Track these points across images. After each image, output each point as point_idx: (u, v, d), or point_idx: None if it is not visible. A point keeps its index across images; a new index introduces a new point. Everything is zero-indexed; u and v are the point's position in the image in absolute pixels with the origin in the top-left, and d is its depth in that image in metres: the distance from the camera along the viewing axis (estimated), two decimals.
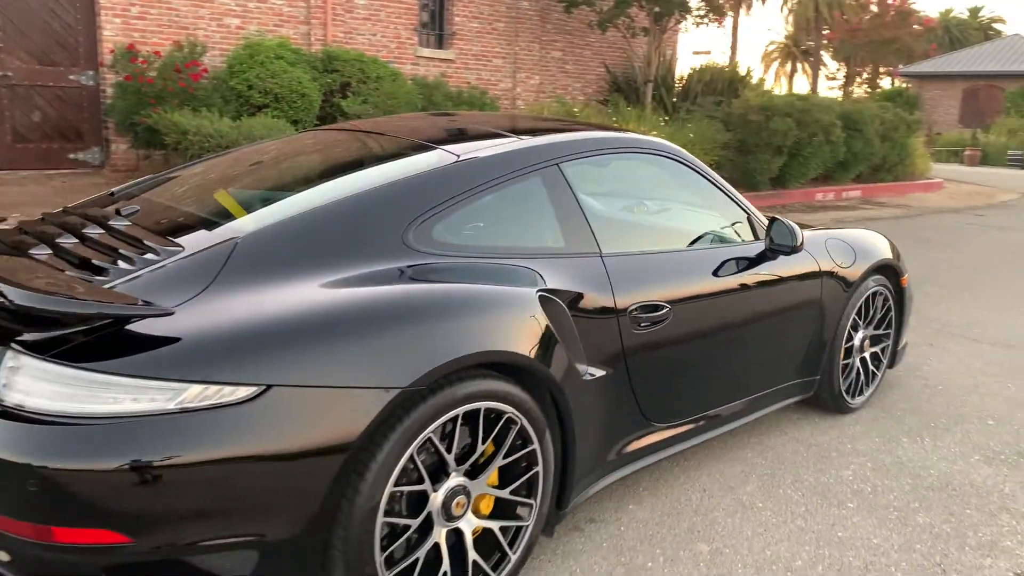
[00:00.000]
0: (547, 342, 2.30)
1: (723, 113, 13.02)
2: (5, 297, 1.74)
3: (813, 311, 3.48)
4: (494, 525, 2.27)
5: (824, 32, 32.47)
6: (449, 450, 2.12)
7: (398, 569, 2.05)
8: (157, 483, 1.71)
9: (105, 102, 10.20)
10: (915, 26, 18.81)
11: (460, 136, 2.90)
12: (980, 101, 38.41)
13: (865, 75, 20.07)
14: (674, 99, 15.04)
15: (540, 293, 2.35)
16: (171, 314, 1.84)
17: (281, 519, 1.84)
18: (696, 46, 39.78)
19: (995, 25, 53.94)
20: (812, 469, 3.29)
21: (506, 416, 2.21)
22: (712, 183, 3.26)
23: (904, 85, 31.66)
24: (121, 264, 2.04)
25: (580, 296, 2.50)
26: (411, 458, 2.01)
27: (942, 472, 3.33)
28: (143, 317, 1.82)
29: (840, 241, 3.72)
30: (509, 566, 2.30)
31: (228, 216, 2.34)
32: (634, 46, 15.76)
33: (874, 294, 3.85)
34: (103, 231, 2.23)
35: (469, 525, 2.21)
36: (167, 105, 9.17)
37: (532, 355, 2.25)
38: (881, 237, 4.08)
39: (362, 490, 1.92)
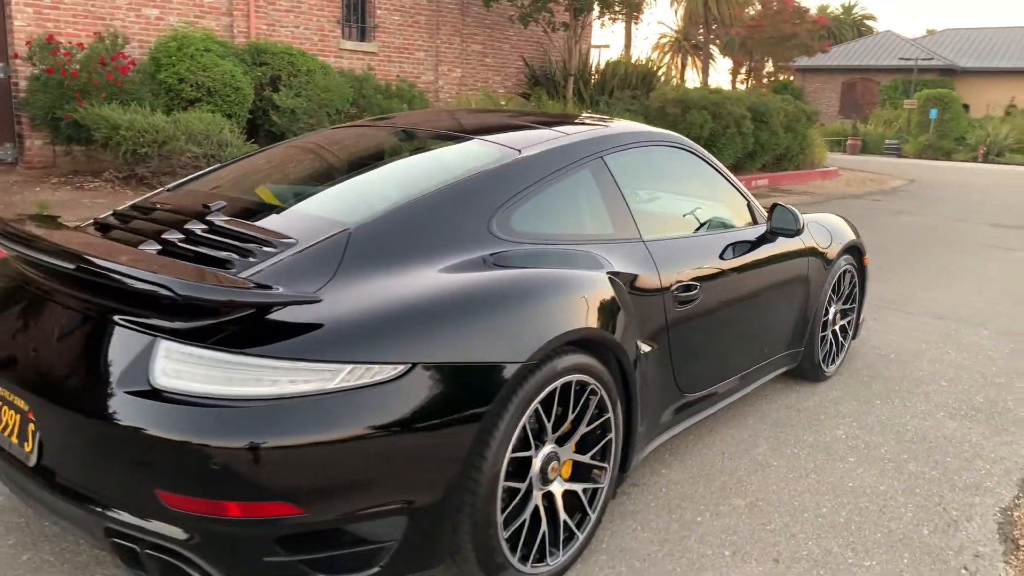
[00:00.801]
0: (618, 320, 2.53)
1: (641, 106, 13.54)
2: (168, 288, 1.83)
3: (802, 288, 3.84)
4: (577, 488, 2.48)
5: (724, 28, 33.84)
6: (548, 419, 2.32)
7: (512, 530, 2.24)
8: (323, 457, 1.84)
9: (18, 96, 9.72)
10: (810, 23, 20.01)
11: (508, 132, 3.06)
12: (857, 93, 40.95)
13: (766, 69, 21.17)
14: (591, 93, 15.46)
15: (608, 275, 2.57)
16: (319, 301, 1.96)
17: (426, 486, 2.00)
18: (595, 40, 40.57)
19: (867, 22, 57.52)
20: (808, 431, 3.65)
21: (589, 387, 2.42)
22: (718, 172, 3.56)
23: (790, 79, 33.38)
24: (242, 257, 2.14)
25: (635, 277, 2.74)
26: (524, 427, 2.20)
27: (917, 427, 3.75)
28: (293, 304, 1.94)
29: (818, 224, 4.10)
30: (589, 525, 2.52)
31: (318, 208, 2.46)
32: (551, 40, 16.11)
33: (844, 272, 4.26)
34: (204, 226, 2.31)
35: (559, 488, 2.42)
36: (92, 99, 8.85)
37: (609, 331, 2.47)
38: (844, 220, 4.50)
39: (488, 457, 2.10)
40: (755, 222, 3.65)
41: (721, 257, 3.25)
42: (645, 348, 2.76)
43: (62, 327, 2.08)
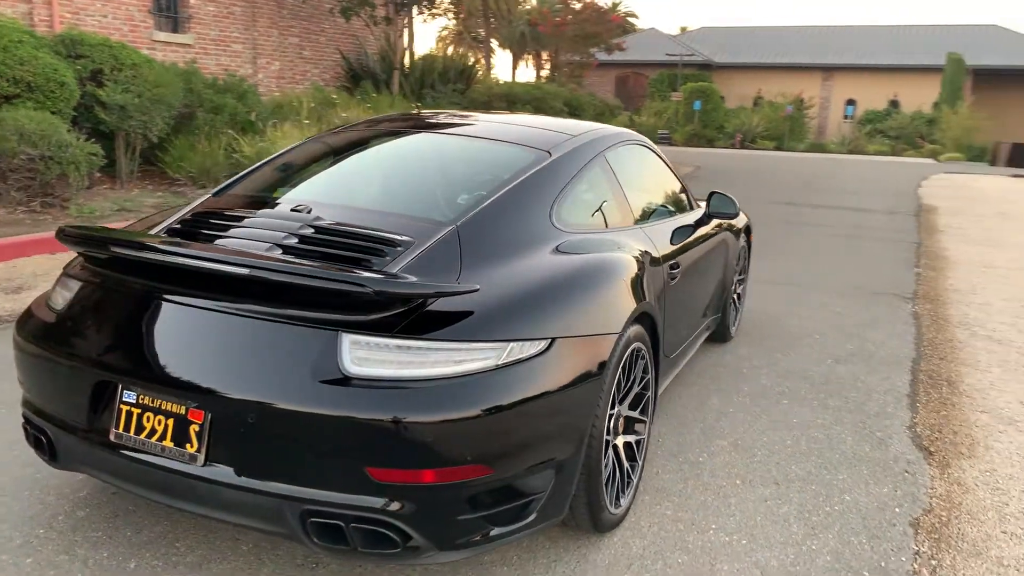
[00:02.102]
0: (653, 296, 2.98)
1: (466, 100, 14.02)
2: (361, 285, 2.02)
3: (724, 261, 4.50)
4: (631, 439, 2.91)
5: (503, 22, 35.03)
6: (621, 382, 2.72)
7: (604, 477, 2.62)
8: (501, 423, 2.13)
9: None
10: (611, 24, 21.58)
11: (520, 133, 3.36)
12: (630, 86, 44.19)
13: (546, 65, 22.45)
14: (412, 86, 15.71)
15: (640, 257, 3.01)
16: (477, 290, 2.23)
17: (566, 442, 2.34)
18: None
19: (629, 19, 62.12)
20: (742, 382, 4.32)
21: (641, 352, 2.85)
22: (666, 165, 4.10)
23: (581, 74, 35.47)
24: (376, 256, 2.34)
25: (649, 258, 3.20)
26: (614, 389, 2.59)
27: (818, 372, 4.55)
28: (459, 294, 2.19)
29: None
30: (639, 469, 2.96)
31: (403, 207, 2.69)
32: (367, 33, 16.15)
33: (743, 247, 5.00)
34: (312, 230, 2.45)
35: (620, 441, 2.83)
36: None
37: (653, 304, 2.92)
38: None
39: (599, 415, 2.47)
40: (691, 207, 4.24)
41: (687, 238, 3.79)
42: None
43: (222, 330, 2.17)
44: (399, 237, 2.44)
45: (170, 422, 2.16)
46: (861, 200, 13.86)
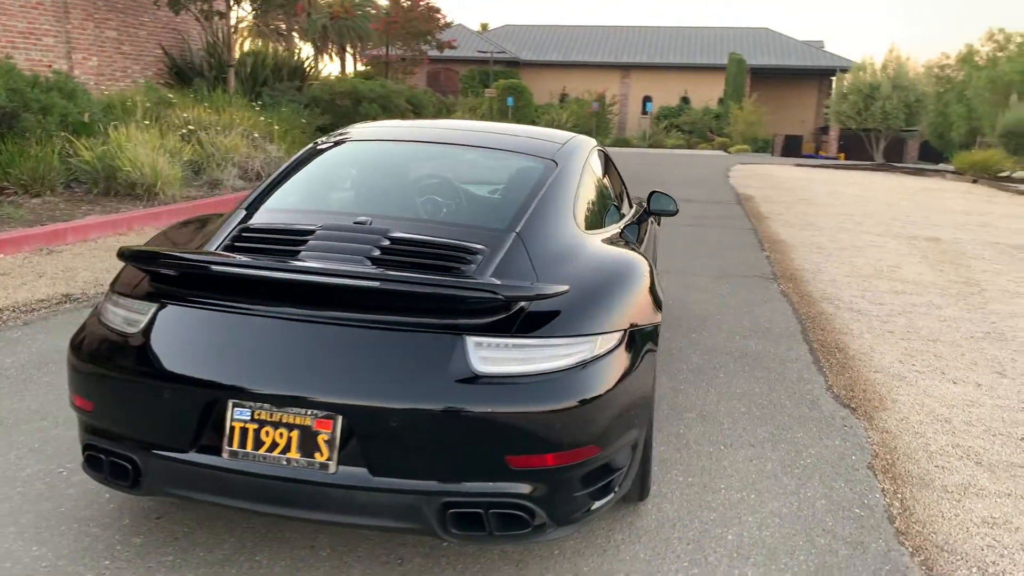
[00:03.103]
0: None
1: (307, 97, 13.77)
2: (492, 292, 2.21)
3: (655, 249, 4.96)
4: None
5: (304, 14, 34.16)
6: None
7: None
8: (604, 406, 2.38)
9: None
10: (441, 22, 21.81)
11: (516, 142, 3.56)
12: (441, 82, 44.62)
13: (398, 61, 22.32)
14: (244, 83, 15.13)
15: (641, 252, 3.35)
16: (568, 291, 2.46)
17: (642, 420, 2.63)
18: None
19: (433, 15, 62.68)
20: (677, 361, 4.80)
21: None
22: (614, 167, 4.47)
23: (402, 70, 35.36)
24: (462, 264, 2.51)
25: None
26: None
27: (735, 348, 5.12)
28: (557, 295, 2.41)
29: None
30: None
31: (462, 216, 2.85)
32: (189, 28, 15.37)
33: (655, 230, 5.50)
34: (388, 242, 2.57)
35: None
36: None
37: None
38: None
39: (654, 396, 2.79)
40: (630, 204, 4.65)
41: (643, 231, 4.19)
42: None
43: (342, 341, 2.26)
44: (474, 245, 2.61)
45: (294, 434, 2.22)
46: (688, 192, 15.10)
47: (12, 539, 2.63)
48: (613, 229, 3.54)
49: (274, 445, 2.23)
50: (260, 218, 2.86)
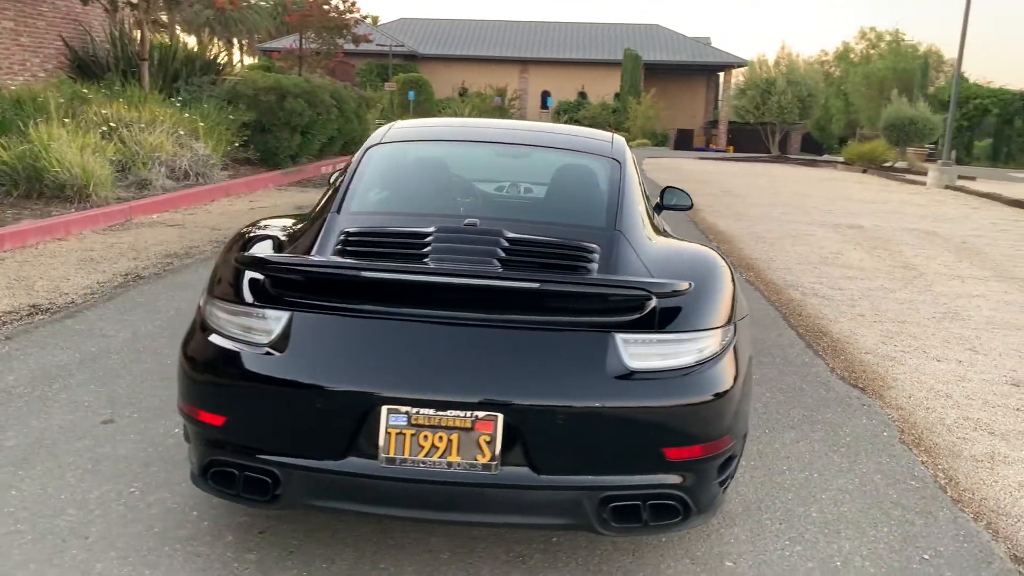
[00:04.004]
0: None
1: (228, 92, 13.25)
2: (645, 290, 2.27)
3: None
4: None
5: (188, 6, 32.90)
6: None
7: None
8: (734, 396, 2.47)
9: None
10: (356, 18, 21.35)
11: (576, 142, 3.60)
12: (338, 75, 43.72)
13: (313, 55, 21.51)
14: (152, 78, 14.41)
15: None
16: (692, 286, 2.54)
17: (749, 410, 2.74)
18: None
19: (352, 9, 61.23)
20: None
21: None
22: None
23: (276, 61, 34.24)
24: (586, 263, 2.55)
25: None
26: None
27: None
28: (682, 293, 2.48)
29: None
30: None
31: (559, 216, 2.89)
32: (91, 19, 14.55)
33: None
34: (508, 243, 2.57)
35: None
36: None
37: None
38: None
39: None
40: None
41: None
42: None
43: (495, 343, 2.27)
44: (588, 244, 2.66)
45: (454, 437, 2.21)
46: None
47: (119, 565, 2.49)
48: (662, 224, 3.64)
49: (433, 449, 2.21)
50: (357, 222, 2.78)
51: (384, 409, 2.22)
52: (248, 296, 2.41)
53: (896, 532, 2.93)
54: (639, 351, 2.31)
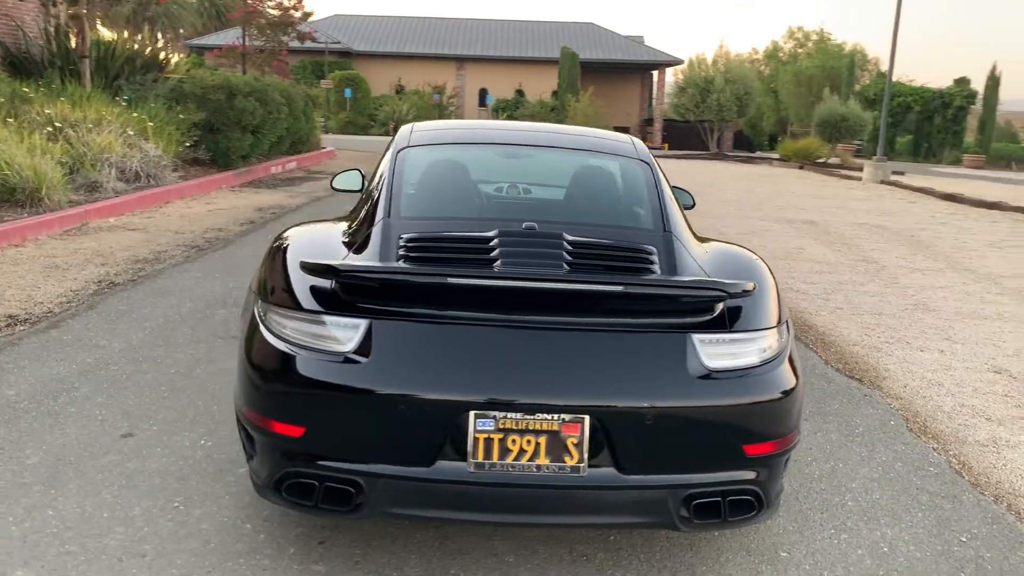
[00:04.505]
0: None
1: (174, 91, 12.88)
2: (722, 290, 2.32)
3: None
4: None
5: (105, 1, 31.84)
6: None
7: None
8: (800, 391, 2.53)
9: None
10: (301, 15, 20.95)
11: (608, 144, 3.61)
12: (270, 72, 42.91)
13: (257, 52, 20.89)
14: (90, 76, 13.88)
15: None
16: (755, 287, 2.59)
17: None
18: None
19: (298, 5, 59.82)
20: None
21: None
22: None
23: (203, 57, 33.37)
24: (649, 265, 2.59)
25: None
26: None
27: None
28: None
29: None
30: None
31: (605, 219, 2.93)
32: (23, 13, 13.95)
33: None
34: (571, 247, 2.59)
35: None
36: None
37: None
38: None
39: None
40: None
41: None
42: None
43: (577, 345, 2.29)
44: (646, 246, 2.70)
45: (542, 440, 2.23)
46: None
47: None
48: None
49: (522, 453, 2.22)
50: (412, 227, 2.74)
51: (472, 414, 2.21)
52: (318, 304, 2.37)
53: (930, 517, 3.06)
54: (714, 351, 2.37)
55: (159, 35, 53.27)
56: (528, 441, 2.22)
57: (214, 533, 2.69)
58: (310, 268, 2.36)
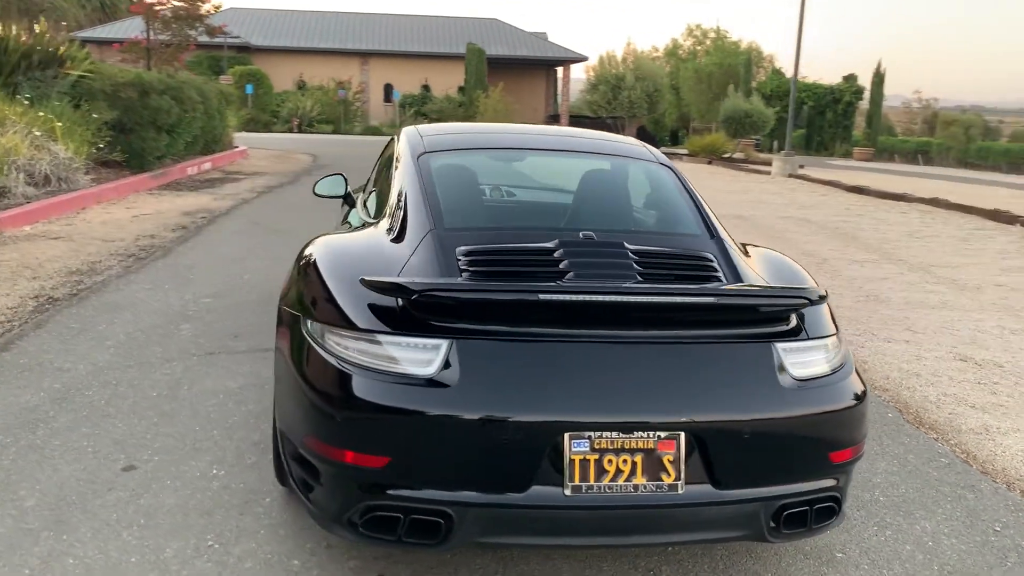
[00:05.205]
0: None
1: (78, 88, 12.11)
2: (806, 299, 2.31)
3: None
4: None
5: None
6: None
7: None
8: (865, 398, 2.55)
9: None
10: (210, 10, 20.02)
11: (627, 148, 3.54)
12: (163, 68, 41.01)
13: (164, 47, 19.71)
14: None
15: None
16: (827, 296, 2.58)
17: None
18: None
19: None
20: None
21: None
22: None
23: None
24: (711, 273, 2.56)
25: None
26: None
27: None
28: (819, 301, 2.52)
29: None
30: None
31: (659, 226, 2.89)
32: None
33: None
34: (637, 256, 2.53)
35: None
36: None
37: None
38: None
39: None
40: None
41: None
42: None
43: (665, 360, 2.23)
44: (706, 253, 2.66)
45: (638, 459, 2.16)
46: None
47: None
48: None
49: (618, 473, 2.15)
50: (465, 240, 2.58)
51: (567, 435, 2.12)
52: (385, 325, 2.22)
53: (959, 508, 3.15)
54: (795, 360, 2.35)
55: (35, 27, 49.98)
56: (624, 460, 2.15)
57: (260, 573, 2.50)
58: (376, 286, 2.21)
